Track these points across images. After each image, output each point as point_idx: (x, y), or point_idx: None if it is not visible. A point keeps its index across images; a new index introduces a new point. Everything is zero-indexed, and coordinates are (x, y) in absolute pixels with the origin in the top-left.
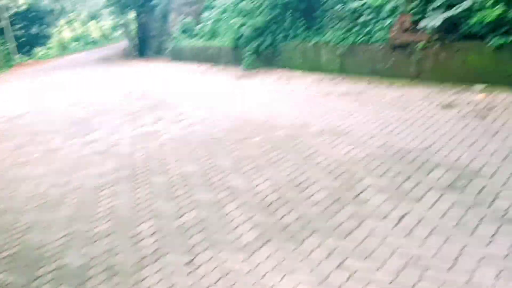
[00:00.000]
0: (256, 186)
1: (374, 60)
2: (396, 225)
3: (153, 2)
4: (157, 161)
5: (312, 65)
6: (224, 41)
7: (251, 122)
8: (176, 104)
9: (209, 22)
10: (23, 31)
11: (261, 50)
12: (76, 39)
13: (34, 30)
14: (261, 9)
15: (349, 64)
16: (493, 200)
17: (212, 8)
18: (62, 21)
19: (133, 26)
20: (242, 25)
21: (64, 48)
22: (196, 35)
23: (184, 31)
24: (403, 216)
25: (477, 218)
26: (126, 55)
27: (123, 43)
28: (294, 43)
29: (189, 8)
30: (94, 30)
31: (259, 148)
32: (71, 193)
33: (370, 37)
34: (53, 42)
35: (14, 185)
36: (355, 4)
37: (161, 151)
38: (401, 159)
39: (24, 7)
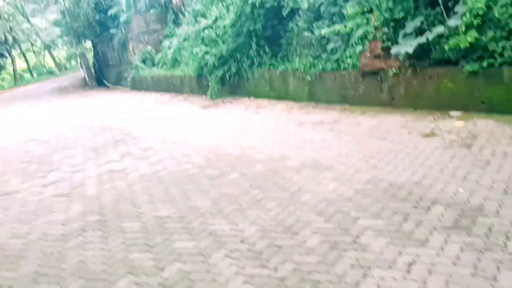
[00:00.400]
0: (242, 231)
1: (344, 87)
2: (406, 275)
3: (111, 31)
4: (128, 203)
5: (279, 93)
6: (186, 70)
7: (225, 156)
8: (142, 138)
9: (170, 51)
10: None
11: (226, 78)
12: (30, 70)
13: None
14: (225, 37)
15: (319, 91)
16: (506, 242)
17: (172, 36)
18: (15, 52)
19: (90, 56)
20: (205, 53)
21: (17, 80)
22: (156, 64)
23: (144, 60)
24: (412, 264)
25: (494, 264)
26: (83, 85)
27: (79, 73)
28: (260, 71)
29: (148, 36)
30: (48, 60)
31: (238, 186)
32: (33, 244)
33: (339, 64)
34: (5, 73)
35: None
36: (323, 31)
37: (131, 192)
38: (393, 195)
39: None
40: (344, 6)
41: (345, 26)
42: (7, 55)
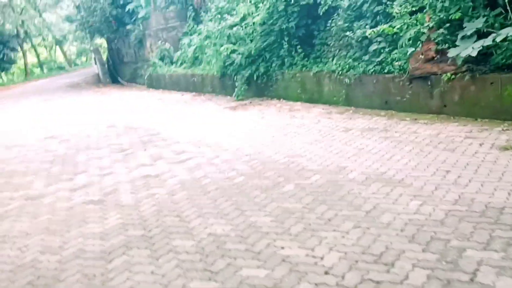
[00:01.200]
0: (321, 258)
1: (388, 92)
2: None
3: (127, 28)
4: (173, 216)
5: (312, 96)
6: (209, 68)
7: (271, 164)
8: (171, 139)
9: (191, 49)
10: None
11: (254, 78)
12: (41, 64)
13: None
14: (253, 35)
15: (358, 95)
16: None
17: (192, 34)
18: (26, 46)
19: (104, 52)
20: (232, 51)
21: (27, 74)
22: (175, 62)
23: (162, 58)
24: None
25: None
26: (97, 82)
27: (91, 69)
28: (291, 72)
29: (167, 34)
30: (58, 55)
31: (298, 200)
32: (69, 263)
33: (383, 67)
34: (15, 67)
35: None
36: (368, 32)
37: (174, 202)
38: (497, 220)
39: None
40: (390, 4)
41: (392, 26)
42: (18, 49)
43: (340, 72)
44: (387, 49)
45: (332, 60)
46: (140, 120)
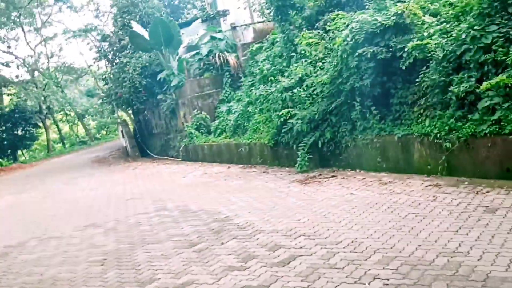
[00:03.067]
0: None
1: (510, 157)
2: None
3: (158, 97)
4: None
5: (397, 165)
6: (257, 137)
7: (421, 266)
8: (250, 227)
9: (231, 117)
10: (5, 134)
11: (318, 146)
12: (62, 139)
13: (18, 132)
14: (316, 97)
15: (464, 163)
16: None
17: (230, 101)
18: (48, 122)
19: (131, 124)
20: (292, 116)
21: (50, 150)
22: (213, 131)
23: (198, 128)
24: None
25: None
26: (125, 156)
27: (115, 143)
28: (367, 138)
29: (202, 102)
30: (79, 130)
31: None
32: None
33: (502, 127)
34: (36, 144)
35: None
36: (484, 86)
37: None
38: None
39: (8, 109)
40: (503, 51)
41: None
42: (41, 124)
43: (437, 135)
44: (504, 105)
45: (420, 121)
46: (196, 200)
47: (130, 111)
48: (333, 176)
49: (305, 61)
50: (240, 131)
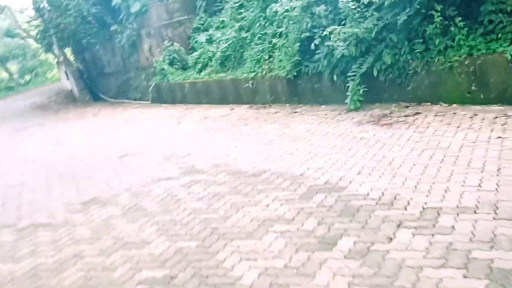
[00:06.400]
0: None
1: None
2: None
3: (112, 28)
4: None
5: (504, 95)
6: (261, 70)
7: None
8: (399, 202)
9: (215, 48)
10: None
11: (374, 75)
12: None
13: None
14: (369, 10)
15: None
16: None
17: (207, 29)
18: None
19: (75, 63)
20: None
21: None
22: (190, 66)
23: (171, 63)
24: None
25: None
26: (72, 101)
27: (49, 88)
28: (451, 60)
29: (172, 31)
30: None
31: None
32: None
33: None
34: None
35: None
36: None
37: None
38: None
39: None
40: None
41: None
42: None
43: None
44: None
45: None
46: (233, 155)
47: (69, 48)
48: (417, 113)
49: None
50: (231, 64)
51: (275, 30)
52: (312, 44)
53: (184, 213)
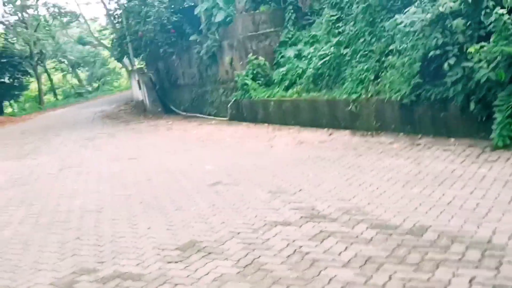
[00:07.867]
0: None
1: None
2: None
3: (191, 38)
4: None
5: None
6: (363, 91)
7: None
8: None
9: (313, 62)
10: None
11: None
12: (54, 90)
13: (5, 80)
14: None
15: None
16: None
17: (296, 43)
18: (40, 69)
19: (149, 73)
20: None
21: (43, 102)
22: (275, 83)
23: (254, 78)
24: None
25: None
26: (142, 111)
27: (117, 97)
28: None
29: (256, 44)
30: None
31: None
32: None
33: None
34: (25, 95)
35: None
36: None
37: None
38: None
39: None
40: None
41: None
42: (32, 72)
43: None
44: None
45: None
46: (369, 199)
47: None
48: None
49: None
50: (325, 83)
51: (386, 47)
52: (446, 65)
53: (332, 286)
